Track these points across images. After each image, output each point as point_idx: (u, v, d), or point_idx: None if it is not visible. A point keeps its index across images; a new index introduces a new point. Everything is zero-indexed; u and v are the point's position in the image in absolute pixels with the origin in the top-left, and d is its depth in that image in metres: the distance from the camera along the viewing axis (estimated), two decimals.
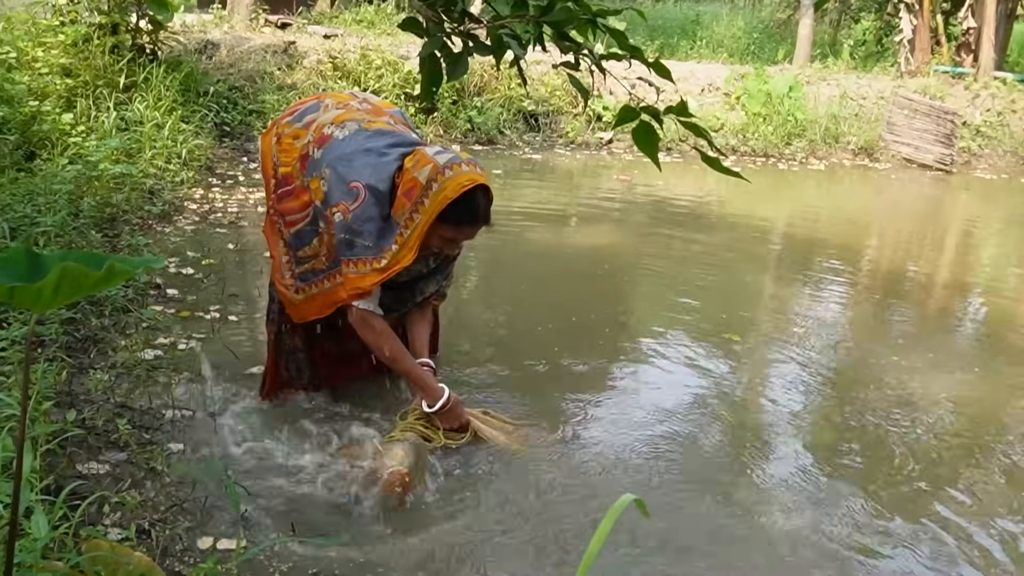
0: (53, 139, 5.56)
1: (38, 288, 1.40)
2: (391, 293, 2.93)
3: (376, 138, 2.77)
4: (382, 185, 2.67)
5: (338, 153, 2.73)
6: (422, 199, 2.63)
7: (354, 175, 2.67)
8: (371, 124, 2.83)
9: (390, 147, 2.75)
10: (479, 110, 9.38)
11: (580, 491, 2.74)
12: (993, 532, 2.68)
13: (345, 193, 2.67)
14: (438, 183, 2.62)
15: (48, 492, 2.22)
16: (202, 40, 8.92)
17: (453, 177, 2.62)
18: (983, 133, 10.91)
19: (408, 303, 3.03)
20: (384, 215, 2.68)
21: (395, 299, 2.96)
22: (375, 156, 2.71)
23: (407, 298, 3.01)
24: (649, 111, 2.48)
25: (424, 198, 2.63)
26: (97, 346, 3.42)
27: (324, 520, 2.53)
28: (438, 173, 2.62)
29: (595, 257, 5.52)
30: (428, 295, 3.05)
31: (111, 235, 4.73)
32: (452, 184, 2.62)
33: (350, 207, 2.67)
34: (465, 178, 2.64)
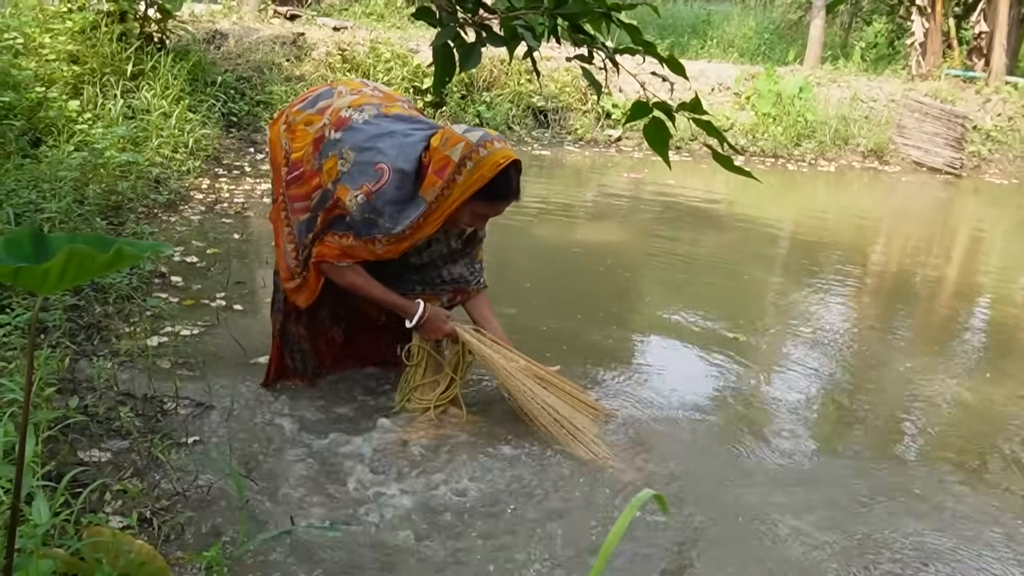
0: (59, 126, 5.54)
1: (44, 269, 1.37)
2: (417, 272, 2.98)
3: (398, 122, 2.77)
4: (408, 166, 2.68)
5: (362, 136, 2.72)
6: (455, 176, 2.65)
7: (380, 157, 2.68)
8: (389, 109, 2.83)
9: (414, 130, 2.76)
10: (488, 105, 9.36)
11: (596, 485, 2.71)
12: (1002, 531, 2.66)
13: (369, 175, 2.68)
14: (473, 161, 2.63)
15: (49, 479, 2.19)
16: (210, 30, 8.90)
17: (489, 156, 2.64)
18: (993, 138, 10.86)
19: (437, 285, 3.04)
20: (407, 197, 2.69)
21: (423, 279, 3.01)
22: (400, 138, 2.72)
23: (434, 279, 3.03)
24: (661, 107, 2.45)
25: (457, 175, 2.64)
26: (100, 333, 3.40)
27: (328, 509, 2.50)
28: (472, 151, 2.64)
29: (602, 254, 5.49)
30: (459, 279, 3.06)
31: (116, 223, 4.71)
32: (488, 162, 2.64)
33: (372, 188, 2.67)
34: (500, 156, 2.65)
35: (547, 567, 2.33)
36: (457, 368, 3.03)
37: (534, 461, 2.83)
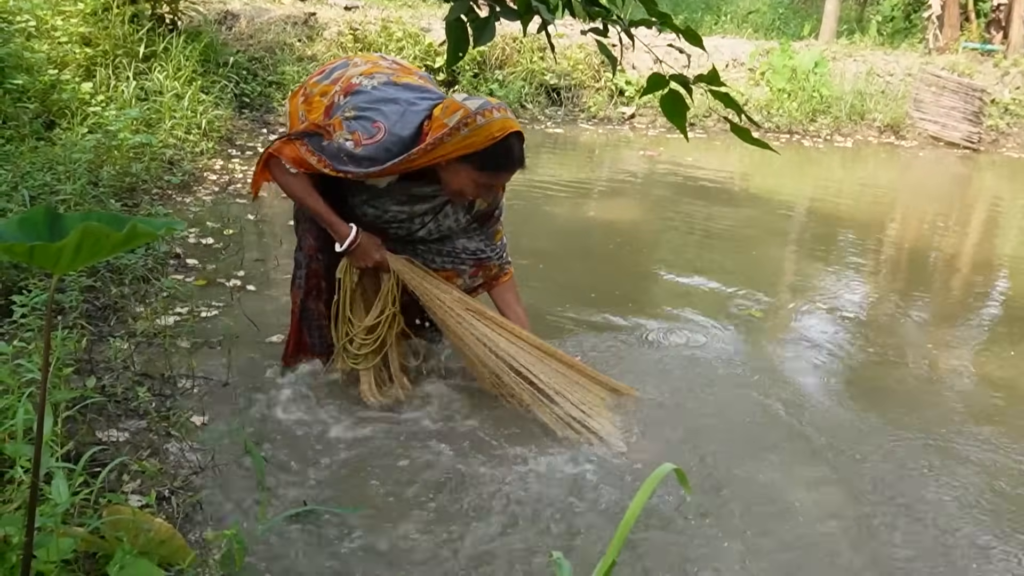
0: (72, 108, 5.54)
1: (59, 248, 1.37)
2: (428, 246, 2.99)
3: (405, 91, 2.74)
4: (406, 132, 2.65)
5: (368, 98, 2.70)
6: (444, 138, 2.61)
7: (380, 118, 2.66)
8: (400, 78, 2.80)
9: (420, 99, 2.73)
10: (501, 83, 9.30)
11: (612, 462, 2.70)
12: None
13: (366, 129, 2.65)
14: (468, 127, 2.60)
15: (68, 458, 2.20)
16: (222, 10, 8.87)
17: (486, 124, 2.61)
18: (1012, 111, 10.73)
19: (456, 256, 3.03)
20: (391, 159, 2.65)
21: (440, 250, 3.01)
22: (404, 105, 2.69)
23: (452, 251, 3.02)
24: (678, 79, 2.42)
25: (448, 137, 2.61)
26: (117, 314, 3.41)
27: (343, 488, 2.50)
28: (469, 118, 2.61)
29: (616, 231, 5.46)
30: (478, 253, 3.04)
31: (130, 204, 4.71)
32: (483, 131, 2.61)
33: (364, 140, 2.64)
34: (496, 126, 2.62)
35: (565, 546, 2.33)
36: (394, 301, 2.96)
37: (547, 445, 2.82)
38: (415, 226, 2.91)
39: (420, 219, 2.89)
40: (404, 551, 2.26)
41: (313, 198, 2.84)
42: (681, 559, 2.30)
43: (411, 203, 2.86)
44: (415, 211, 2.87)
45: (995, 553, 2.43)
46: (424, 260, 3.00)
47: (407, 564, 2.21)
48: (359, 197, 2.86)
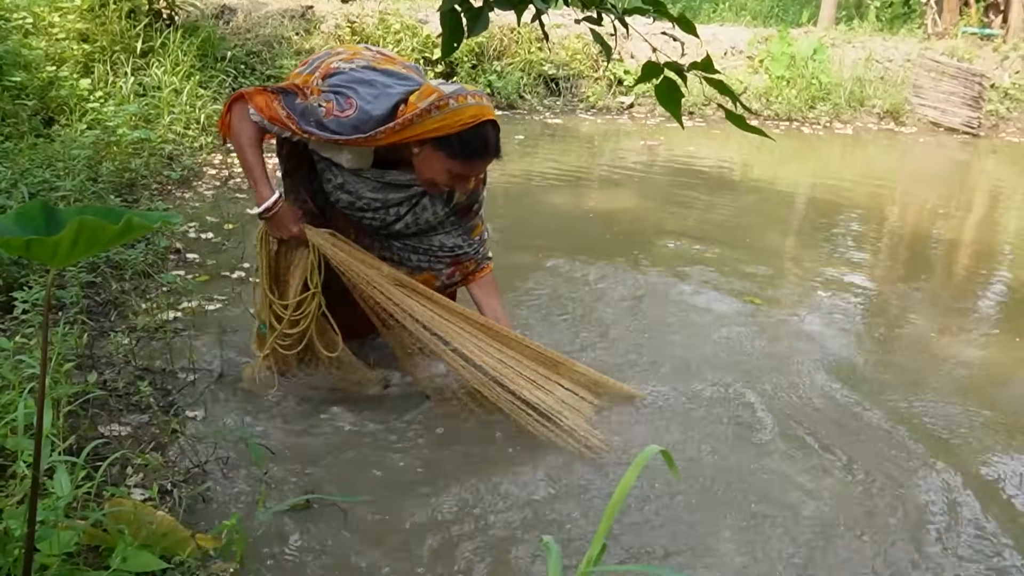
0: (71, 105, 5.55)
1: (55, 241, 1.37)
2: (405, 243, 2.91)
3: (384, 76, 2.69)
4: (377, 112, 2.58)
5: (344, 79, 2.65)
6: (413, 119, 2.54)
7: (353, 95, 2.60)
8: (381, 65, 2.76)
9: (397, 84, 2.66)
10: (499, 74, 9.29)
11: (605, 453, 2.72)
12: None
13: (338, 102, 2.60)
14: (440, 111, 2.54)
15: (70, 453, 2.21)
16: (219, 5, 8.86)
17: (457, 110, 2.55)
18: (1012, 96, 10.70)
19: (433, 254, 2.95)
20: (358, 134, 2.59)
21: (416, 248, 2.93)
22: (380, 88, 2.63)
23: (429, 248, 2.94)
24: (673, 67, 2.42)
25: (418, 119, 2.54)
26: (117, 309, 3.42)
27: (346, 480, 2.52)
28: (441, 100, 2.54)
29: (616, 221, 5.46)
30: (456, 250, 2.95)
31: (130, 200, 4.72)
32: (454, 116, 2.54)
33: (334, 111, 2.59)
34: (468, 113, 2.56)
35: (554, 529, 2.34)
36: (312, 276, 2.79)
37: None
38: (390, 217, 2.83)
39: (396, 210, 2.82)
40: (404, 541, 2.27)
41: (252, 151, 2.74)
42: (671, 545, 2.32)
43: (385, 191, 2.79)
44: (389, 200, 2.80)
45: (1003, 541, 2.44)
46: (400, 258, 2.93)
47: (407, 554, 2.23)
48: (334, 181, 2.80)
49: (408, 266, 2.94)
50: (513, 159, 7.31)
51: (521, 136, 8.08)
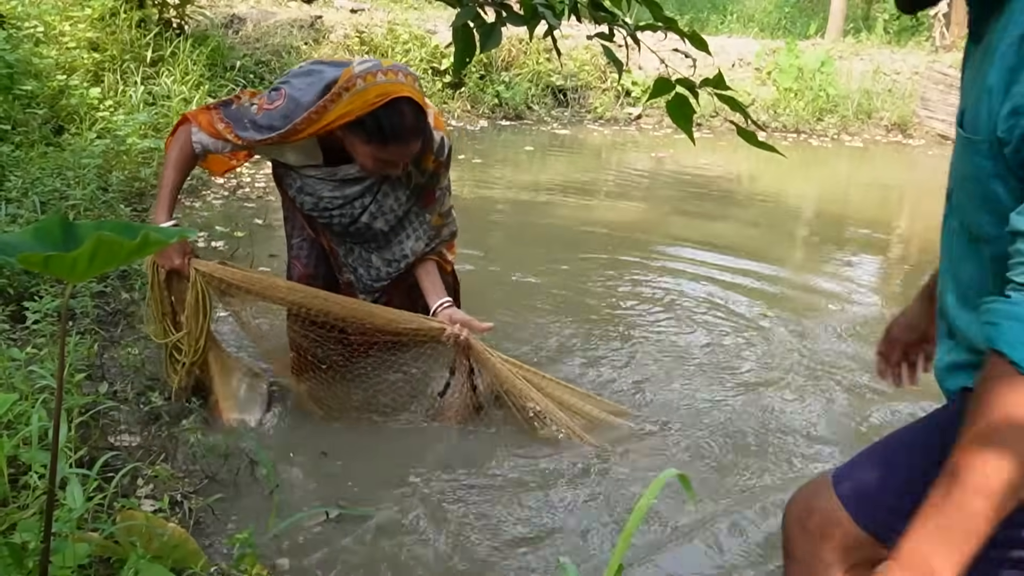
0: (81, 113, 5.57)
1: (74, 257, 1.38)
2: (379, 255, 2.83)
3: (329, 66, 2.59)
4: (305, 98, 2.50)
5: (284, 77, 2.62)
6: (327, 105, 2.44)
7: (286, 86, 2.55)
8: (331, 59, 2.70)
9: (331, 69, 2.55)
10: (507, 85, 9.31)
11: (617, 468, 2.72)
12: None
13: (270, 96, 2.56)
14: (349, 92, 2.42)
15: (82, 464, 2.22)
16: (228, 14, 8.90)
17: (363, 90, 2.41)
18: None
19: (400, 263, 2.86)
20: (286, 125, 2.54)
21: (383, 260, 2.85)
22: (315, 76, 2.55)
23: (397, 256, 2.84)
24: (684, 83, 2.43)
25: (331, 103, 2.44)
26: (127, 319, 3.43)
27: (357, 493, 2.52)
28: (350, 81, 2.42)
29: (623, 231, 5.46)
30: (421, 255, 2.87)
31: (140, 209, 4.74)
32: (361, 98, 2.41)
33: (265, 105, 2.55)
34: (374, 93, 2.40)
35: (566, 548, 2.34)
36: (196, 316, 2.69)
37: (555, 449, 2.83)
38: (356, 210, 2.73)
39: (359, 202, 2.71)
40: (416, 555, 2.28)
41: (171, 172, 2.69)
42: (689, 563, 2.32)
43: (341, 187, 2.70)
44: (348, 195, 2.70)
45: None
46: (372, 276, 2.88)
47: (420, 568, 2.23)
48: (294, 186, 2.75)
49: (379, 285, 2.87)
50: (521, 170, 7.33)
51: (530, 147, 8.10)
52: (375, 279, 2.89)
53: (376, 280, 2.89)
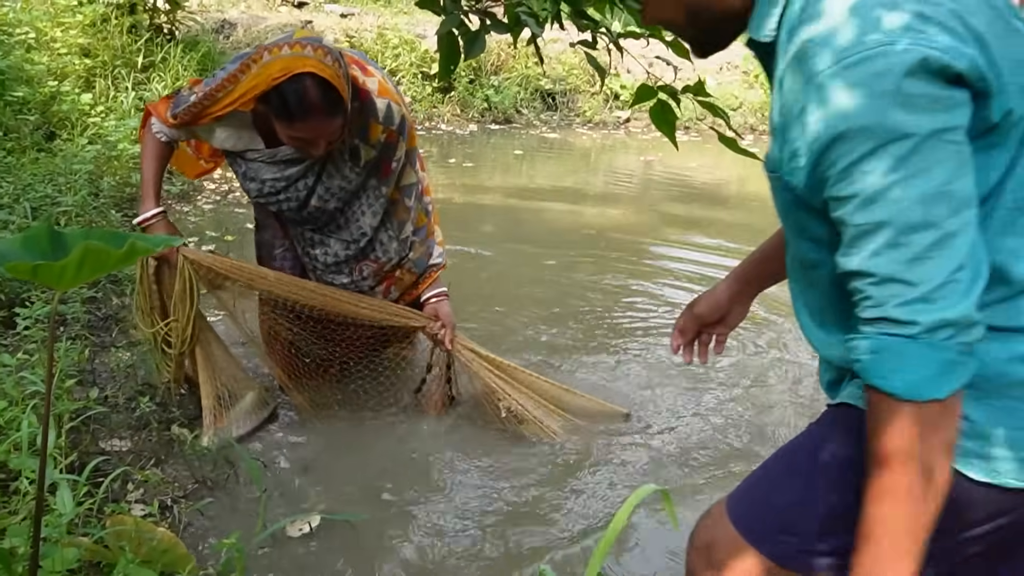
0: (72, 119, 5.58)
1: (62, 266, 1.41)
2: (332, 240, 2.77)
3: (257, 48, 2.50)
4: (223, 73, 2.45)
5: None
6: (237, 76, 2.38)
7: (222, 70, 2.48)
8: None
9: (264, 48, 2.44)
10: (496, 89, 9.34)
11: (603, 478, 2.75)
12: None
13: (207, 80, 2.52)
14: (256, 64, 2.34)
15: (72, 469, 2.24)
16: (219, 19, 8.92)
17: (267, 64, 2.31)
18: None
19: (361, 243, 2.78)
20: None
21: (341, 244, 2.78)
22: (243, 55, 2.47)
23: (355, 235, 2.76)
24: (666, 90, 2.47)
25: (240, 76, 2.37)
26: (119, 325, 3.45)
27: (348, 497, 2.55)
28: (256, 54, 2.35)
29: (613, 234, 5.50)
30: (393, 259, 2.81)
31: (131, 215, 4.75)
32: (264, 73, 2.31)
33: (200, 87, 2.52)
34: (276, 67, 2.29)
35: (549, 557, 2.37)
36: (183, 304, 2.68)
37: (545, 459, 2.86)
38: (301, 192, 2.64)
39: (303, 183, 2.63)
40: (399, 561, 2.30)
41: (149, 163, 2.70)
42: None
43: (282, 168, 2.61)
44: (289, 175, 2.61)
45: None
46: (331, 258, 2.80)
47: (405, 573, 2.26)
48: (239, 171, 2.70)
49: (336, 283, 2.84)
50: (512, 173, 7.37)
51: (520, 151, 8.13)
52: (334, 260, 2.80)
53: (335, 260, 2.80)
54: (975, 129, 1.07)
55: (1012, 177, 1.11)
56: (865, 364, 1.09)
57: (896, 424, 1.08)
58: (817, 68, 1.05)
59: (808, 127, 1.07)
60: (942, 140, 1.02)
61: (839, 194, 1.08)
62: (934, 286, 1.04)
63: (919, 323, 1.05)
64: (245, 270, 2.74)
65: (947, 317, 1.04)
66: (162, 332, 2.76)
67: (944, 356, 1.05)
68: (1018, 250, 1.12)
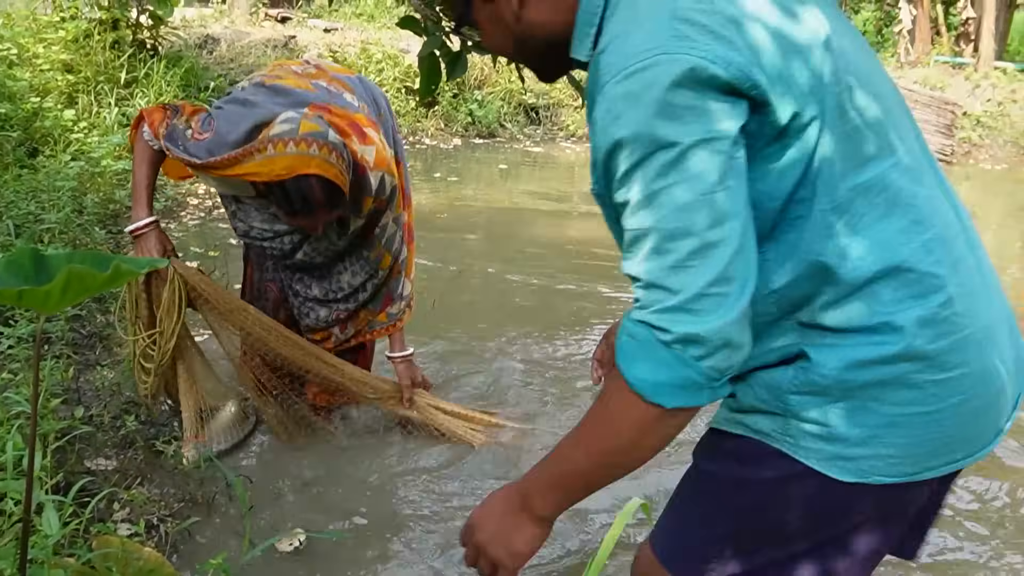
0: (55, 136, 5.58)
1: (46, 291, 1.42)
2: (321, 284, 2.81)
3: (268, 94, 2.47)
4: (231, 136, 2.39)
5: (225, 99, 2.55)
6: (241, 156, 2.35)
7: (219, 116, 2.45)
8: (277, 80, 2.52)
9: (274, 104, 2.43)
10: (480, 103, 9.39)
11: None
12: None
13: (205, 124, 2.46)
14: (260, 154, 2.32)
15: (58, 489, 2.24)
16: (202, 35, 8.94)
17: (271, 158, 2.30)
18: (984, 123, 10.91)
19: (338, 296, 2.83)
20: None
21: (320, 290, 2.82)
22: (249, 108, 2.43)
23: (333, 287, 2.82)
24: None
25: (243, 157, 2.35)
26: (103, 343, 3.45)
27: (332, 515, 2.56)
28: (263, 143, 2.32)
29: (594, 248, 5.52)
30: (357, 296, 2.85)
31: (115, 231, 4.75)
32: (267, 166, 2.31)
33: (195, 134, 2.46)
34: (280, 165, 2.29)
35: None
36: (170, 314, 2.67)
37: None
38: (286, 246, 2.68)
39: (288, 238, 2.66)
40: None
41: (142, 169, 2.64)
42: None
43: (272, 221, 2.64)
44: (277, 230, 2.65)
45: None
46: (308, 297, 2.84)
47: None
48: (229, 209, 2.72)
49: (307, 321, 2.87)
50: (496, 187, 7.40)
51: (504, 165, 8.17)
52: (313, 298, 2.84)
53: (314, 298, 2.83)
54: (764, 135, 1.08)
55: (820, 179, 1.11)
56: (620, 344, 1.11)
57: (616, 406, 1.13)
58: (604, 80, 1.08)
59: (597, 136, 1.11)
60: (708, 150, 1.03)
61: (619, 200, 1.11)
62: (692, 295, 1.04)
63: (672, 332, 1.05)
64: (226, 300, 2.74)
65: (699, 332, 1.04)
66: (143, 343, 2.75)
67: (687, 373, 1.06)
68: (843, 251, 1.12)
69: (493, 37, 1.32)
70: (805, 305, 1.15)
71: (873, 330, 1.12)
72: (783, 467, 1.19)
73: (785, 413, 1.18)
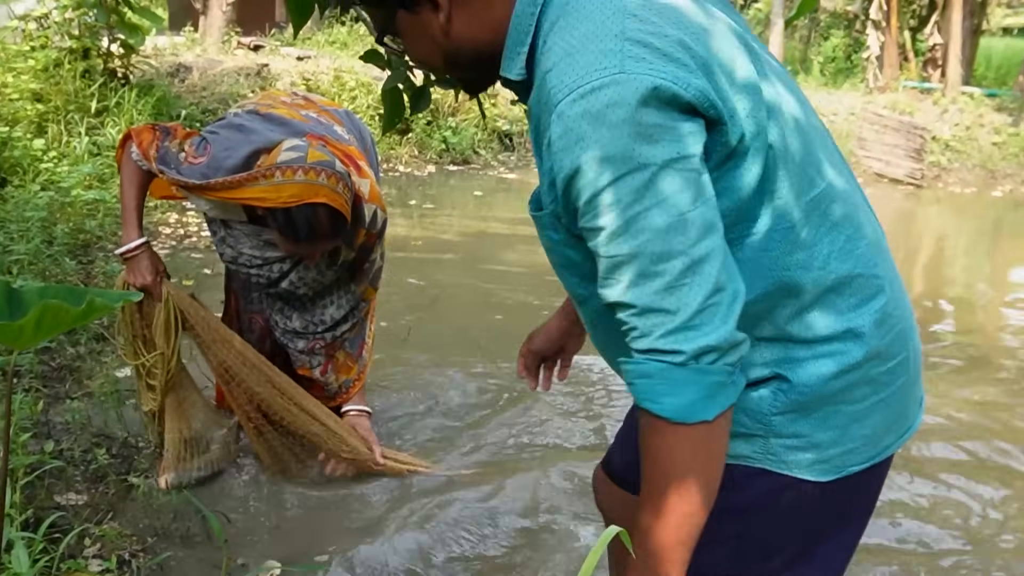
0: (24, 165, 5.53)
1: (19, 326, 1.40)
2: (302, 315, 2.79)
3: (263, 121, 2.47)
4: (229, 161, 2.38)
5: (220, 123, 2.53)
6: (244, 181, 2.35)
7: (214, 141, 2.43)
8: (270, 109, 2.53)
9: (269, 130, 2.43)
10: (453, 130, 9.42)
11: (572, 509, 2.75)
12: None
13: (199, 148, 2.44)
14: (266, 180, 2.32)
15: (27, 525, 2.20)
16: (174, 63, 8.92)
17: (279, 185, 2.30)
18: (952, 147, 11.08)
19: (319, 328, 2.81)
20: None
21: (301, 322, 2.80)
22: (245, 134, 2.43)
23: (316, 319, 2.80)
24: None
25: (247, 181, 2.34)
26: (73, 375, 3.40)
27: (308, 547, 2.52)
28: (270, 170, 2.32)
29: None
30: (337, 330, 2.83)
31: (85, 262, 4.70)
32: (274, 192, 2.31)
33: (190, 158, 2.43)
34: (288, 192, 2.29)
35: None
36: (166, 335, 2.66)
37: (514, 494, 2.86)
38: (274, 274, 2.66)
39: (278, 266, 2.64)
40: None
41: (130, 190, 2.61)
42: None
43: (263, 248, 2.62)
44: (268, 257, 2.63)
45: None
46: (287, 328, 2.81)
47: None
48: (218, 235, 2.69)
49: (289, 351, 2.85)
50: (469, 214, 7.41)
51: (479, 192, 8.19)
52: (292, 329, 2.81)
53: (293, 329, 2.81)
54: (717, 155, 1.08)
55: (776, 197, 1.12)
56: (637, 388, 1.10)
57: (666, 445, 1.10)
58: (555, 99, 1.06)
59: (555, 158, 1.08)
60: (677, 169, 1.03)
61: (588, 225, 1.09)
62: (692, 312, 1.05)
63: (684, 351, 1.05)
64: (214, 330, 2.71)
65: (710, 343, 1.05)
66: (148, 364, 2.72)
67: (711, 379, 1.07)
68: (806, 263, 1.14)
69: (418, 49, 1.28)
70: (766, 320, 1.17)
71: (838, 338, 1.16)
72: (768, 483, 1.22)
73: (767, 434, 1.21)
